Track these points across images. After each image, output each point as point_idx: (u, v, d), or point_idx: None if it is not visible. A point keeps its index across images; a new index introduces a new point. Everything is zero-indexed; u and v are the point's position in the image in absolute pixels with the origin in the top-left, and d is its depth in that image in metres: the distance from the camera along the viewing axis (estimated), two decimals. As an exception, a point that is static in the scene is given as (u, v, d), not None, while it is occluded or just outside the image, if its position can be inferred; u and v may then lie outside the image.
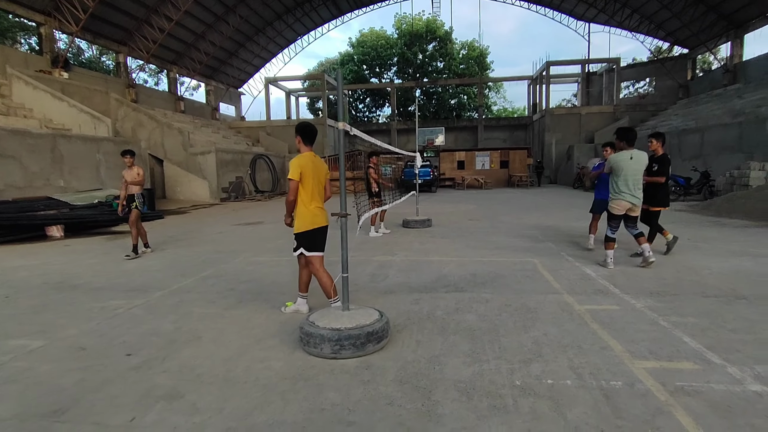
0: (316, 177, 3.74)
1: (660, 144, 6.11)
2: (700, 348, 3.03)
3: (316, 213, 3.75)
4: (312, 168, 3.72)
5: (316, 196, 3.76)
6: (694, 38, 27.20)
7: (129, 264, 6.46)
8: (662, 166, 5.94)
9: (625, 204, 5.32)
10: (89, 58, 34.12)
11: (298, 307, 4.03)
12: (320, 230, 3.80)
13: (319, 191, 3.79)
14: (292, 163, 3.69)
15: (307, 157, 3.74)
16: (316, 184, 3.76)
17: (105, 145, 14.52)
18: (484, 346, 3.16)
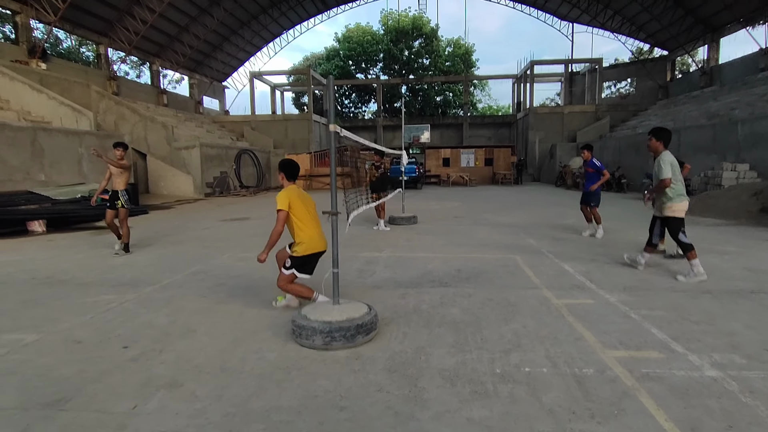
0: (305, 204, 3.89)
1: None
2: (665, 338, 3.27)
3: (313, 237, 3.89)
4: (299, 197, 3.88)
5: (311, 222, 3.90)
6: (673, 40, 27.98)
7: (116, 260, 6.48)
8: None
9: (686, 205, 4.98)
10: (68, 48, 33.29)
11: (288, 302, 4.16)
12: (315, 255, 3.95)
13: (313, 216, 3.93)
14: (279, 196, 3.81)
15: (292, 189, 3.90)
16: (308, 210, 3.90)
17: (87, 138, 14.31)
18: (467, 338, 3.35)
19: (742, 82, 22.05)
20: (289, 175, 3.97)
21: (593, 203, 7.89)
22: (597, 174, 7.87)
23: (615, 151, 22.36)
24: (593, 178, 7.91)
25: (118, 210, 6.80)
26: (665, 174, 4.82)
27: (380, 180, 9.14)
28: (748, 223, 9.14)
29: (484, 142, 34.78)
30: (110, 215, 6.81)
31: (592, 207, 7.89)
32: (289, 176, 3.97)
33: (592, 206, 7.89)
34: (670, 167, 4.84)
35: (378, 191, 9.03)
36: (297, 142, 30.72)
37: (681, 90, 28.44)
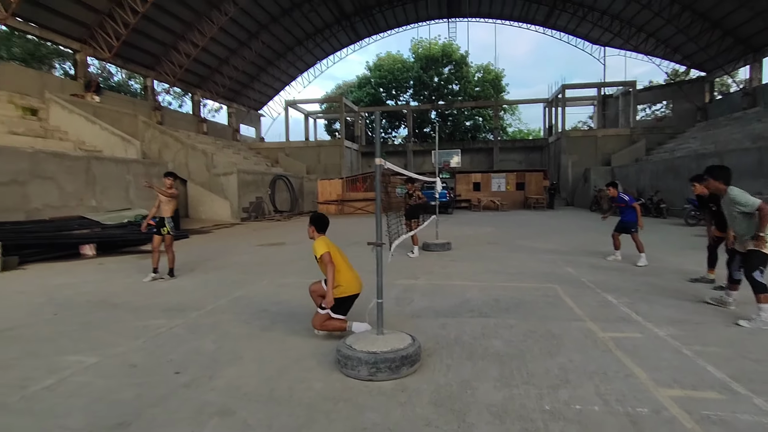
0: (338, 250, 4.11)
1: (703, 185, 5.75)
2: (724, 378, 3.13)
3: (350, 281, 4.07)
4: (332, 244, 4.10)
5: (346, 266, 4.10)
6: (711, 61, 27.29)
7: (162, 284, 6.75)
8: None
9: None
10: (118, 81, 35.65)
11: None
12: (351, 297, 4.10)
13: (346, 261, 4.14)
14: (316, 244, 4.05)
15: (325, 238, 4.14)
16: (342, 255, 4.12)
17: (134, 166, 15.12)
18: (512, 372, 3.31)
19: (789, 103, 21.18)
20: (320, 228, 4.19)
21: (633, 230, 7.76)
22: (628, 206, 7.87)
23: (653, 175, 21.70)
24: (627, 210, 7.90)
25: (164, 236, 7.13)
26: (756, 201, 4.35)
27: (413, 208, 9.22)
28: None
29: (515, 167, 34.49)
30: (157, 241, 7.13)
31: (632, 233, 7.73)
32: (319, 229, 4.19)
33: (633, 232, 7.74)
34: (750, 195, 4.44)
35: (410, 218, 9.11)
36: (329, 167, 31.38)
37: (721, 112, 27.53)
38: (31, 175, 11.48)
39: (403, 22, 36.93)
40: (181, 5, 23.14)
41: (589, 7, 30.12)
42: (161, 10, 22.25)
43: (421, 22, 37.34)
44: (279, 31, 29.77)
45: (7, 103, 16.50)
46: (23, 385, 3.20)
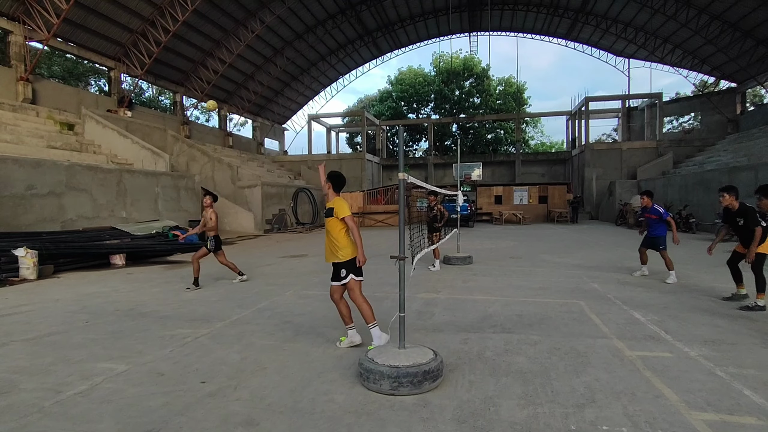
0: None
1: (734, 197, 5.69)
2: (763, 402, 3.00)
3: (352, 244, 4.17)
4: None
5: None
6: (742, 72, 26.59)
7: (188, 294, 6.91)
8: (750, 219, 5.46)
9: None
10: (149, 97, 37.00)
11: (351, 339, 4.24)
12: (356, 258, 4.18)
13: None
14: (340, 203, 4.13)
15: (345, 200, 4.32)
16: None
17: (163, 179, 15.61)
18: (536, 389, 3.25)
19: (827, 114, 20.38)
20: (336, 186, 4.30)
21: (661, 246, 7.52)
22: (660, 221, 7.56)
23: (681, 189, 21.11)
24: (657, 224, 7.60)
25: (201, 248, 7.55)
26: None
27: (433, 220, 9.21)
28: None
29: (537, 179, 34.08)
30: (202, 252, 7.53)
31: (661, 250, 7.51)
32: (336, 187, 4.30)
33: (661, 249, 7.51)
34: None
35: (431, 232, 9.11)
36: (350, 180, 31.63)
37: (754, 123, 26.68)
38: (67, 187, 11.98)
39: (425, 36, 37.30)
40: (210, 24, 23.99)
41: (612, 20, 29.83)
42: (191, 28, 23.12)
43: (442, 36, 37.62)
44: (303, 47, 30.48)
45: (47, 118, 17.34)
46: (58, 390, 3.33)
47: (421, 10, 32.83)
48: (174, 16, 20.65)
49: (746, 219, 5.49)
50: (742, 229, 5.59)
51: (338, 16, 29.71)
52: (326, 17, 29.35)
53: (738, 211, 5.63)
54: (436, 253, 8.91)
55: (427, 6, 32.47)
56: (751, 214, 5.48)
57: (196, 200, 17.11)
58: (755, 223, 5.37)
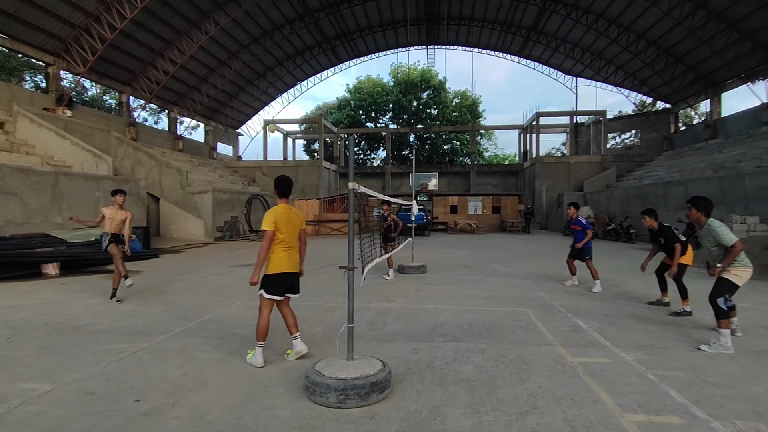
0: (289, 226, 4.02)
1: (653, 219, 6.36)
2: (685, 402, 3.20)
3: (282, 258, 3.99)
4: (287, 217, 4.02)
5: (290, 245, 4.04)
6: (675, 94, 28.77)
7: (127, 306, 6.52)
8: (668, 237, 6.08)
9: (750, 272, 4.59)
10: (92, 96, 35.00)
11: (297, 349, 4.13)
12: (284, 275, 4.01)
13: (292, 239, 4.07)
14: (266, 215, 3.98)
15: (280, 209, 4.04)
16: (289, 232, 4.03)
17: (105, 183, 14.73)
18: (482, 398, 3.30)
19: (747, 135, 22.39)
20: (279, 192, 4.12)
21: (587, 257, 7.86)
22: (583, 231, 7.93)
23: (623, 201, 22.45)
24: (581, 235, 7.95)
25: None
26: (733, 238, 4.48)
27: (387, 230, 9.22)
28: (762, 277, 9.01)
29: (491, 190, 35.14)
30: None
31: (586, 260, 7.82)
32: (279, 193, 4.12)
33: (587, 259, 7.84)
34: (730, 231, 4.55)
35: (385, 241, 9.10)
36: (307, 187, 31.31)
37: (685, 142, 28.90)
38: (-8, 190, 11.05)
39: (384, 47, 37.74)
40: (161, 23, 23.09)
41: (561, 39, 31.48)
42: (140, 26, 22.15)
43: (401, 47, 38.21)
44: (260, 51, 29.96)
45: (-27, 115, 15.97)
46: (-32, 416, 3.01)
47: (380, 20, 33.22)
48: (121, 13, 19.70)
49: (666, 237, 6.13)
50: (665, 246, 6.18)
51: (296, 21, 29.48)
52: (284, 22, 29.04)
53: (658, 231, 6.26)
54: (389, 262, 8.93)
55: (386, 17, 32.90)
56: (669, 233, 6.12)
57: (141, 206, 16.28)
58: (674, 240, 5.99)
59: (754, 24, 21.02)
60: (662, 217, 14.27)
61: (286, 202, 4.14)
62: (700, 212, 4.79)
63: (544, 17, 29.72)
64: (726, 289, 4.49)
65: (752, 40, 21.84)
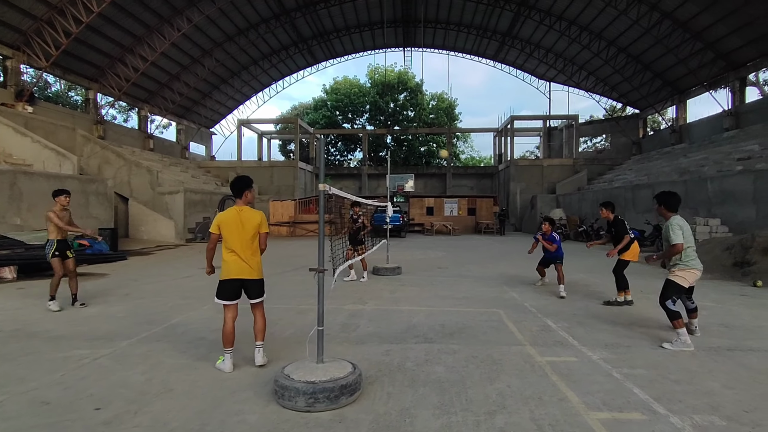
0: (238, 230, 3.83)
1: (609, 211, 6.98)
2: (647, 399, 3.29)
3: (229, 263, 3.88)
4: (235, 221, 3.84)
5: (235, 249, 3.86)
6: (643, 100, 29.75)
7: (91, 310, 6.29)
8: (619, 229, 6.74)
9: (697, 273, 4.73)
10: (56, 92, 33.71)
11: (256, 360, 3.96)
12: (230, 281, 3.87)
13: (241, 243, 3.85)
14: (215, 218, 3.95)
15: (230, 212, 3.91)
16: (237, 236, 3.84)
17: (69, 183, 14.16)
18: (452, 398, 3.31)
19: (709, 140, 23.36)
20: (233, 192, 3.98)
21: (559, 261, 7.74)
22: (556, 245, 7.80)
23: (593, 204, 23.06)
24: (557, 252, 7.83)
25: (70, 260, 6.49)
26: (677, 239, 4.57)
27: (357, 232, 8.87)
28: (722, 277, 9.41)
29: (466, 192, 35.54)
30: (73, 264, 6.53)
31: (557, 264, 7.72)
32: (234, 194, 3.98)
33: (557, 263, 7.73)
34: (680, 232, 4.62)
35: (354, 245, 8.76)
36: (282, 188, 30.94)
37: (653, 146, 29.93)
38: (-55, 189, 10.48)
39: (360, 48, 37.71)
40: (131, 18, 22.40)
41: (535, 45, 32.14)
42: (108, 21, 21.42)
43: (378, 49, 38.26)
44: (234, 49, 29.44)
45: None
46: None
47: (357, 21, 33.18)
48: (88, 6, 19.01)
49: (616, 228, 6.77)
50: (616, 236, 6.76)
51: (272, 20, 29.13)
52: (259, 21, 28.64)
53: (613, 223, 6.87)
54: (363, 263, 8.88)
55: (363, 18, 32.88)
56: (620, 226, 6.79)
57: (108, 206, 15.76)
58: (624, 232, 6.71)
59: (716, 34, 21.96)
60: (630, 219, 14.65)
61: (242, 204, 3.96)
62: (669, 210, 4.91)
63: (519, 22, 30.29)
64: (673, 291, 4.64)
65: (714, 50, 22.81)
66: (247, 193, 3.98)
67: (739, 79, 23.32)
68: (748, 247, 9.57)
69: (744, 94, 23.57)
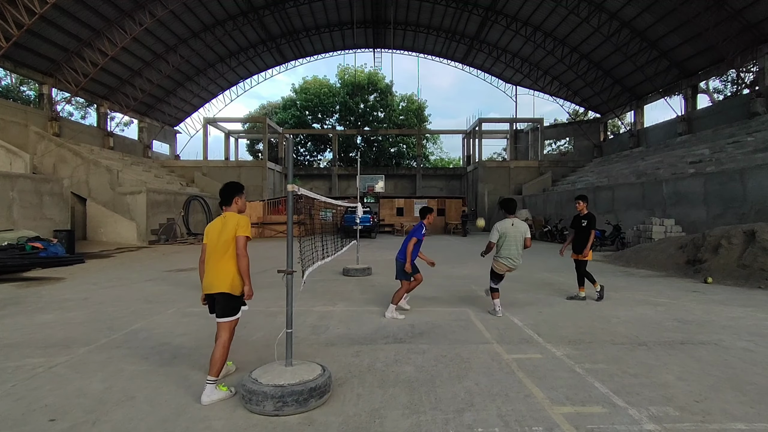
0: (216, 236, 3.47)
1: (585, 204, 7.25)
2: (608, 392, 3.43)
3: (205, 276, 3.53)
4: (216, 229, 3.50)
5: (210, 259, 3.50)
6: (604, 105, 30.95)
7: (46, 316, 5.98)
8: (591, 222, 7.06)
9: (507, 266, 5.95)
10: (6, 86, 31.94)
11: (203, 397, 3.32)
12: (206, 296, 3.55)
13: (212, 251, 3.48)
14: None
15: (216, 220, 3.59)
16: (214, 244, 3.47)
17: (21, 182, 13.46)
18: (421, 398, 3.34)
19: (665, 144, 24.55)
20: (222, 200, 3.64)
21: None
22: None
23: (557, 204, 23.80)
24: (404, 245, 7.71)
25: None
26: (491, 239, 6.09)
27: None
28: (676, 274, 9.90)
29: (436, 193, 35.96)
30: None
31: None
32: (222, 201, 3.64)
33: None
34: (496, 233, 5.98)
35: None
36: (250, 189, 30.32)
37: (613, 149, 31.17)
38: None
39: (330, 48, 37.50)
40: (89, 10, 21.42)
41: (502, 49, 32.87)
42: (64, 13, 20.42)
43: (347, 49, 38.13)
44: (200, 46, 28.68)
45: None
46: None
47: (327, 21, 32.98)
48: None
49: (589, 221, 7.03)
50: (585, 230, 7.01)
51: (239, 17, 28.55)
52: (226, 18, 28.01)
53: (585, 215, 7.11)
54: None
55: (333, 18, 32.72)
56: (593, 219, 7.08)
57: (64, 207, 15.02)
58: (594, 226, 7.05)
59: (670, 44, 23.13)
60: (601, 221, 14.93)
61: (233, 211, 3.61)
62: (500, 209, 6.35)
63: (487, 27, 30.89)
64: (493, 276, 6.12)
65: (668, 59, 24.01)
66: (237, 199, 3.61)
67: (691, 87, 24.63)
68: (700, 245, 10.11)
69: (696, 101, 24.93)
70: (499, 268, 6.01)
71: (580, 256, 7.06)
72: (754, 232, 9.04)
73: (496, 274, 6.06)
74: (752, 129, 18.19)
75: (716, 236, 9.80)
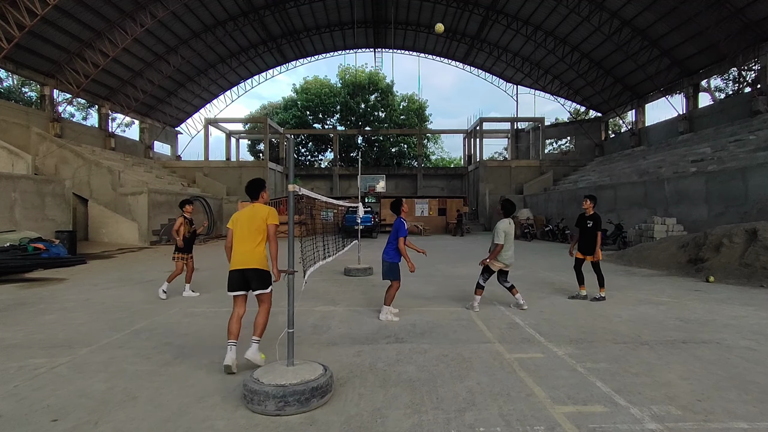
0: (247, 222, 4.04)
1: (592, 205, 7.19)
2: (609, 391, 3.42)
3: (233, 255, 4.03)
4: (247, 215, 4.07)
5: (242, 241, 4.02)
6: (605, 104, 30.90)
7: (49, 316, 6.00)
8: (597, 223, 7.04)
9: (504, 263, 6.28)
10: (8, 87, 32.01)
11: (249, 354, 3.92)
12: (232, 272, 4.02)
13: (243, 234, 4.02)
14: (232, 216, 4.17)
15: (245, 209, 4.16)
16: (245, 228, 4.03)
17: (23, 183, 13.49)
18: (422, 397, 3.34)
19: (666, 143, 24.50)
20: (249, 195, 4.23)
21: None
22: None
23: (559, 204, 23.76)
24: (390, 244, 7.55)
25: None
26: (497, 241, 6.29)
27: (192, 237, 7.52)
28: (678, 273, 9.88)
29: (437, 193, 35.94)
30: None
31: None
32: (250, 197, 4.22)
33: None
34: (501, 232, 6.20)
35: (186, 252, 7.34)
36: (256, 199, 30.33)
37: (614, 148, 31.12)
38: None
39: (331, 48, 37.50)
40: (91, 12, 21.47)
41: (503, 49, 32.84)
42: (66, 14, 20.46)
43: (348, 49, 38.13)
44: (201, 47, 28.71)
45: None
46: None
47: (327, 21, 32.98)
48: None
49: (595, 222, 7.01)
50: (591, 229, 7.00)
51: (240, 18, 28.56)
52: (227, 18, 28.03)
53: (592, 216, 7.07)
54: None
55: (333, 18, 32.72)
56: (599, 219, 7.08)
57: (65, 208, 15.05)
58: (599, 227, 7.03)
59: (671, 42, 23.08)
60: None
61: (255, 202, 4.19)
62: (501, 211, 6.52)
63: (487, 26, 30.85)
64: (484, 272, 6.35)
65: (670, 57, 23.95)
66: (263, 193, 4.23)
67: (693, 86, 24.58)
68: (701, 244, 10.09)
69: (697, 100, 24.87)
70: (496, 265, 6.27)
71: (590, 257, 7.08)
72: (755, 231, 9.02)
73: (489, 270, 6.33)
74: (754, 127, 18.15)
75: (718, 235, 9.78)
